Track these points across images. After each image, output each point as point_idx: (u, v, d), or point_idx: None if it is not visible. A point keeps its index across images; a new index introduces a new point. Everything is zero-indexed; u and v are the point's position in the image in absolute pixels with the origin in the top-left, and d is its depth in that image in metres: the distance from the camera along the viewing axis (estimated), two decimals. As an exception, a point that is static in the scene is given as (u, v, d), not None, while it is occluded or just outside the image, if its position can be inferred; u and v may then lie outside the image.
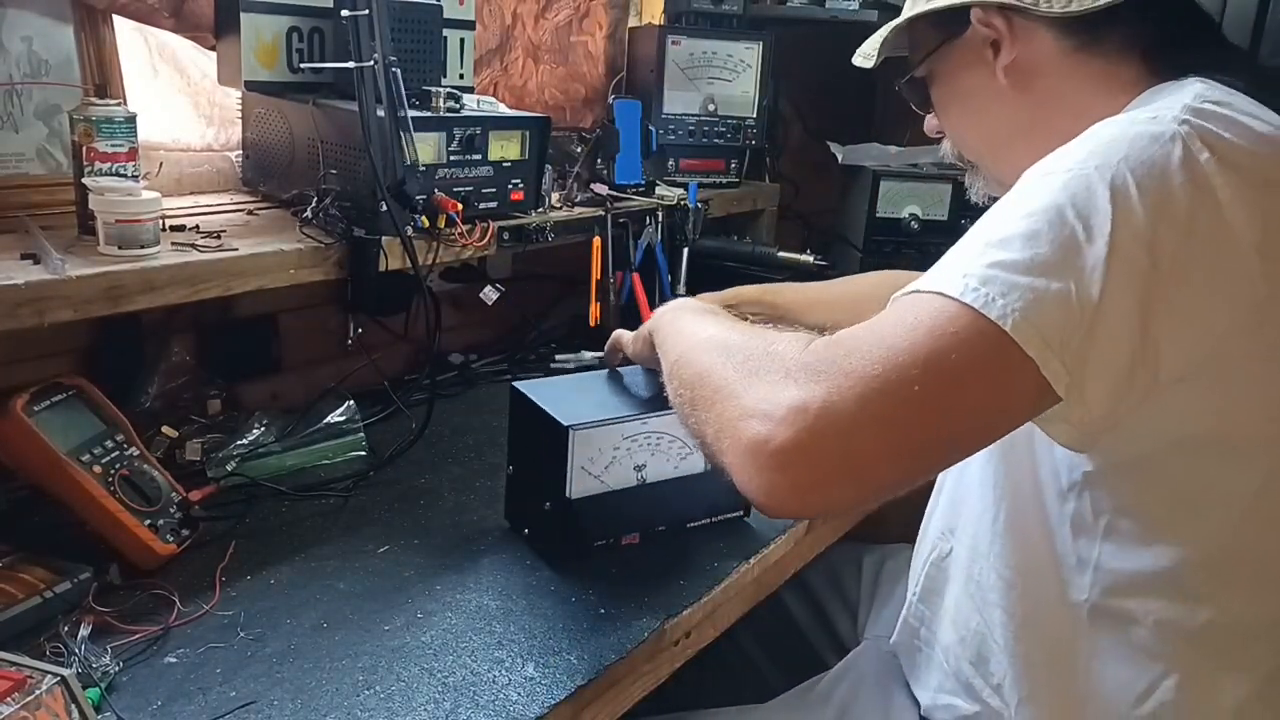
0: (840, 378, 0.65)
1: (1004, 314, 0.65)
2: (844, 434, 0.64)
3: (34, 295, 0.94)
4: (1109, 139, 0.71)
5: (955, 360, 0.65)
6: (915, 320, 0.67)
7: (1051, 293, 0.66)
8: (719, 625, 1.10)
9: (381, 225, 1.20)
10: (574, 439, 1.01)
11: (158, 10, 1.25)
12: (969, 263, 0.68)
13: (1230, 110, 0.74)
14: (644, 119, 1.73)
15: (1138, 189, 0.68)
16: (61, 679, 0.72)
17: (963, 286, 0.67)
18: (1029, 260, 0.67)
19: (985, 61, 0.90)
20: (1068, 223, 0.67)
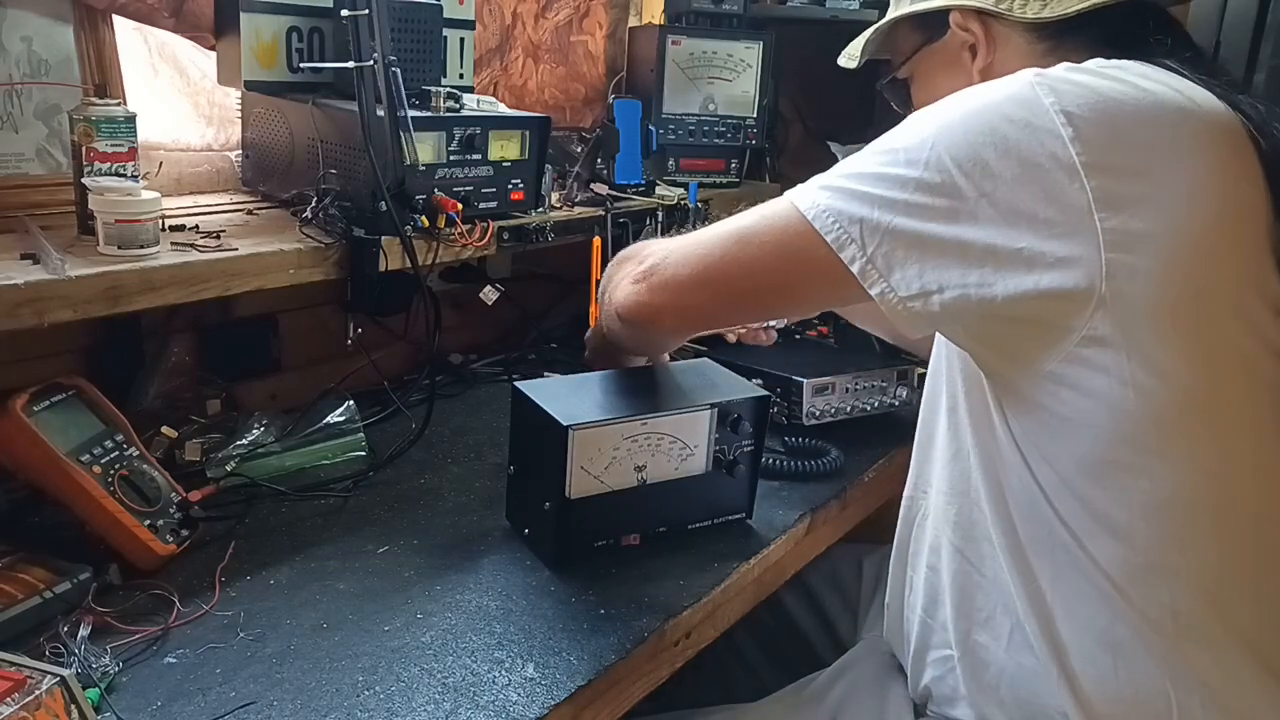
0: (677, 245, 0.96)
1: (812, 206, 0.82)
2: (667, 273, 0.95)
3: (34, 295, 0.94)
4: (975, 91, 0.79)
5: (751, 232, 0.88)
6: (754, 211, 0.89)
7: (860, 193, 0.80)
8: (719, 625, 1.10)
9: (381, 225, 1.20)
10: (574, 439, 1.01)
11: (158, 10, 1.25)
12: (821, 179, 0.84)
13: (1114, 70, 0.79)
14: (644, 119, 1.73)
15: (965, 124, 0.76)
16: (61, 679, 0.72)
17: (799, 194, 0.84)
18: (856, 173, 0.81)
19: (962, 64, 0.96)
20: (895, 149, 0.79)
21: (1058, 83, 0.76)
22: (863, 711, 1.06)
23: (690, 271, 0.93)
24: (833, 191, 0.82)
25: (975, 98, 0.79)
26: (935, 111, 0.80)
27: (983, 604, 0.92)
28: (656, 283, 0.95)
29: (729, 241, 0.89)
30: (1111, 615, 0.83)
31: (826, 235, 0.80)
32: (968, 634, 0.94)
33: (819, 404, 1.41)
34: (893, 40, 1.06)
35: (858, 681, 1.10)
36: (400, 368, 1.57)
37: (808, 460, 1.30)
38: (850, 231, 0.80)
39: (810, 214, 0.82)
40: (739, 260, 0.88)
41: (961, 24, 0.95)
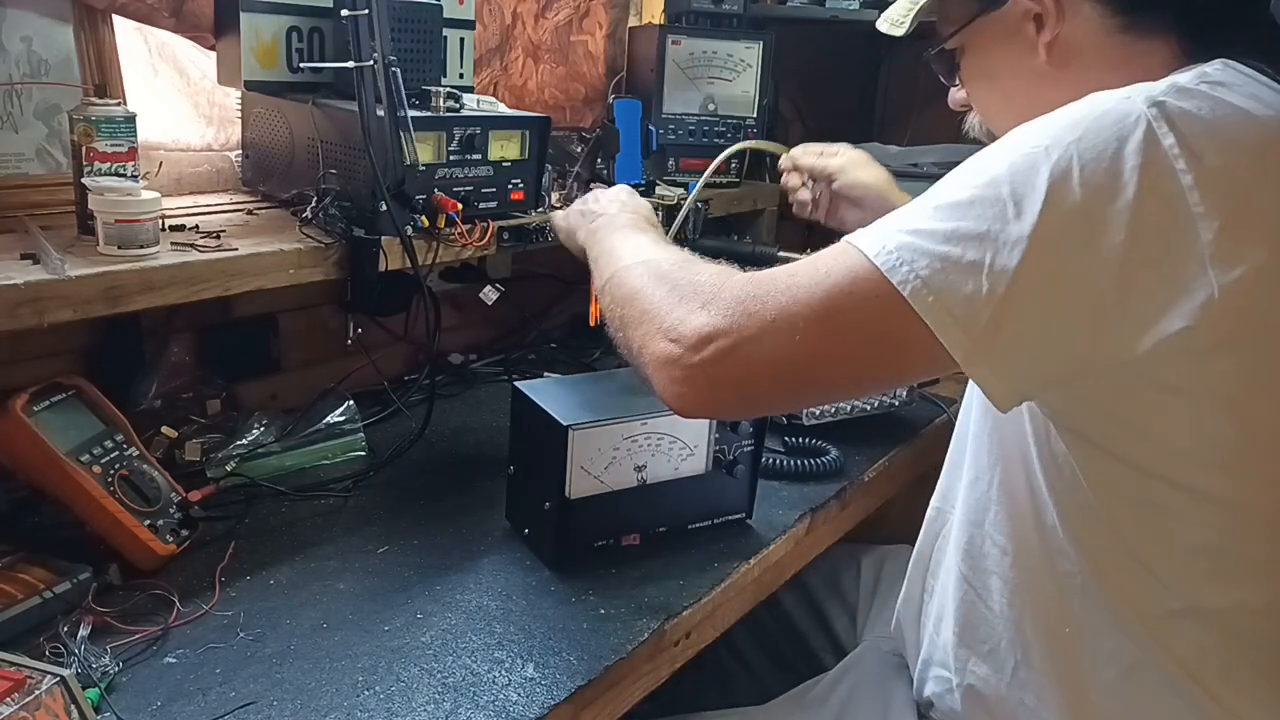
0: (744, 316, 0.75)
1: (905, 279, 0.70)
2: (738, 361, 0.76)
3: (33, 295, 0.94)
4: (1074, 117, 0.71)
5: (847, 319, 0.73)
6: (827, 272, 0.74)
7: (964, 263, 0.69)
8: (719, 625, 1.10)
9: (381, 225, 1.20)
10: (573, 439, 1.01)
11: (158, 10, 1.25)
12: (900, 223, 0.73)
13: (1224, 91, 0.72)
14: (644, 119, 1.73)
15: (1080, 172, 0.68)
16: (61, 679, 0.72)
17: (879, 247, 0.72)
18: (950, 230, 0.70)
19: (1023, 37, 0.87)
20: (1000, 199, 0.69)
21: (1177, 116, 0.69)
22: (866, 715, 1.06)
23: (765, 361, 0.75)
24: (927, 257, 0.70)
25: (1084, 132, 0.70)
26: (1032, 149, 0.70)
27: (985, 636, 0.92)
28: (719, 373, 0.76)
29: (813, 327, 0.73)
30: (1139, 656, 0.82)
31: (926, 317, 0.70)
32: (966, 662, 0.94)
33: (819, 404, 1.40)
34: (944, 7, 0.96)
35: (860, 684, 1.10)
36: (400, 368, 1.57)
37: (808, 460, 1.30)
38: (954, 312, 0.70)
39: (906, 291, 0.70)
40: (830, 356, 0.75)
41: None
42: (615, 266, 0.92)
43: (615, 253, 0.96)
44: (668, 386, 0.79)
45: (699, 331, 0.76)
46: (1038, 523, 0.85)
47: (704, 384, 0.77)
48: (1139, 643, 0.82)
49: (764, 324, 0.74)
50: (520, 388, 1.09)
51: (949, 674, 0.96)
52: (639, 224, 1.04)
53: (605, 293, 0.92)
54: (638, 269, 0.89)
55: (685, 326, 0.77)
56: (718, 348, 0.76)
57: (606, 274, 0.93)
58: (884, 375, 0.80)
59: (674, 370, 0.78)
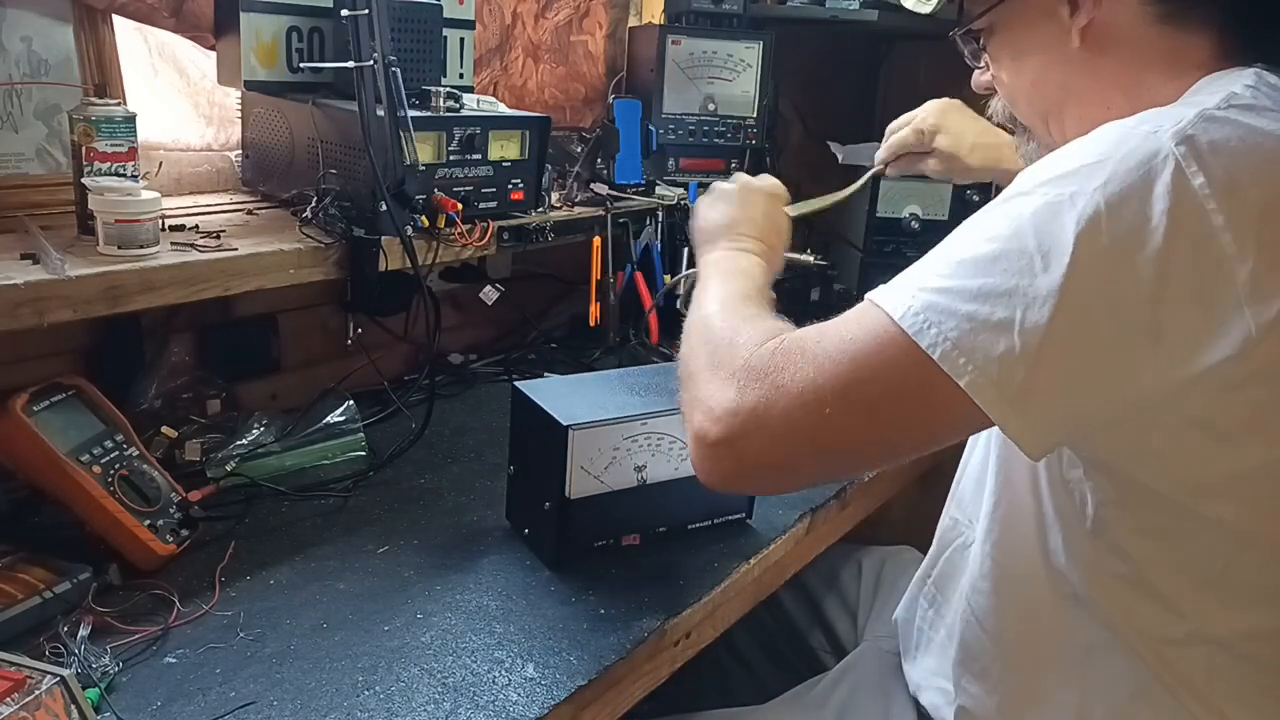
0: (771, 389, 0.73)
1: (935, 342, 0.68)
2: (766, 439, 0.74)
3: (33, 295, 0.94)
4: (1098, 156, 0.68)
5: (877, 387, 0.71)
6: (853, 338, 0.72)
7: (993, 321, 0.67)
8: (719, 625, 1.10)
9: (381, 225, 1.20)
10: (573, 439, 1.01)
11: (158, 10, 1.25)
12: (923, 280, 0.71)
13: (1254, 117, 0.69)
14: (644, 119, 1.73)
15: (1109, 219, 0.65)
16: (61, 679, 0.72)
17: (904, 309, 0.70)
18: (977, 288, 0.68)
19: (1056, 20, 0.83)
20: (1026, 252, 0.67)
21: (1206, 152, 0.66)
22: (866, 715, 1.06)
23: (795, 443, 0.74)
24: (955, 318, 0.68)
25: (1109, 175, 0.66)
26: (1057, 197, 0.68)
27: (979, 655, 0.92)
28: (752, 455, 0.75)
29: (841, 399, 0.71)
30: (1145, 679, 0.81)
31: (959, 380, 0.68)
32: (960, 680, 0.94)
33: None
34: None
35: (861, 684, 1.10)
36: (400, 368, 1.57)
37: None
38: (987, 373, 0.67)
39: (936, 354, 0.68)
40: (861, 426, 0.73)
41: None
42: (692, 316, 0.91)
43: (700, 297, 0.94)
44: (699, 463, 0.78)
45: (725, 407, 0.75)
46: (1042, 547, 0.85)
47: (731, 463, 0.76)
48: (1145, 666, 0.81)
49: (791, 399, 0.72)
50: (520, 388, 1.09)
51: (949, 686, 0.96)
52: (732, 247, 1.03)
53: (683, 337, 0.91)
54: (699, 326, 0.88)
55: (715, 401, 0.76)
56: (743, 425, 0.74)
57: (688, 321, 0.92)
58: (917, 440, 0.75)
59: (703, 448, 0.77)
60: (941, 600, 1.02)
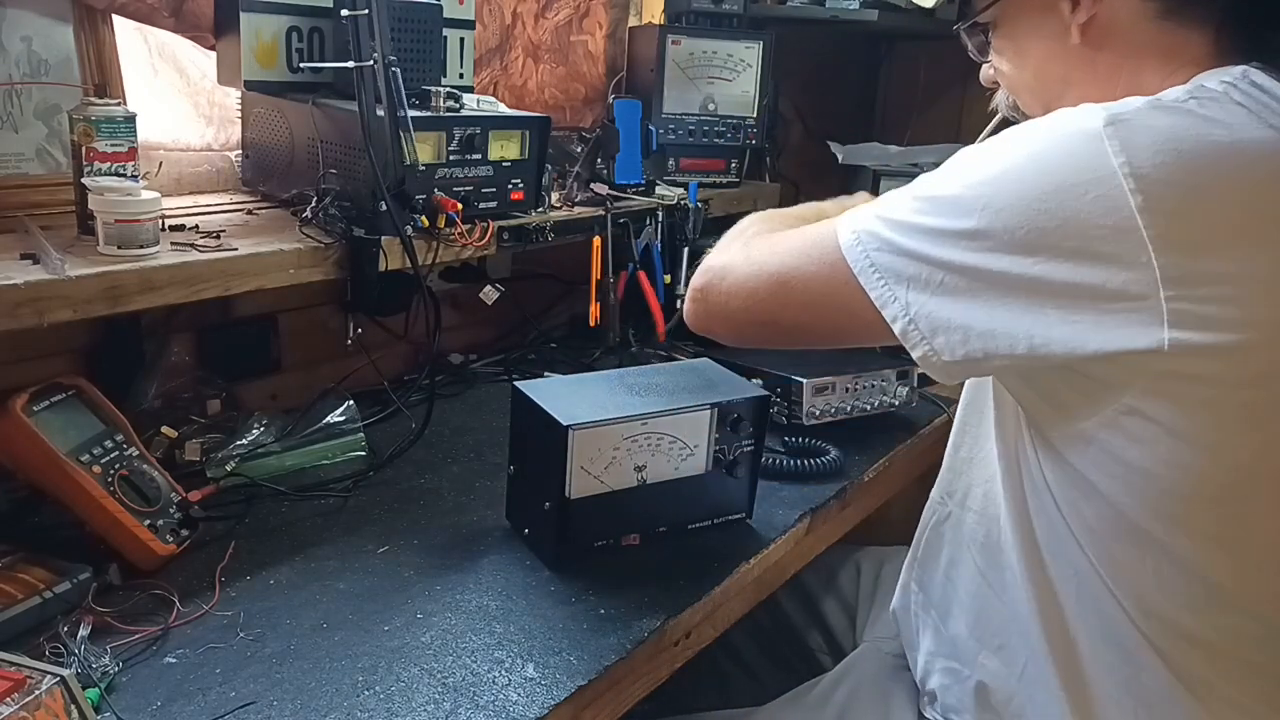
0: (735, 262, 0.92)
1: (859, 258, 0.79)
2: (717, 302, 0.94)
3: (33, 295, 0.94)
4: (1048, 129, 0.74)
5: (804, 277, 0.85)
6: (808, 240, 0.86)
7: (918, 252, 0.76)
8: (719, 625, 1.10)
9: (381, 225, 1.20)
10: (574, 439, 1.01)
11: (158, 10, 1.25)
12: (880, 207, 0.81)
13: (1215, 109, 0.71)
14: (644, 119, 1.73)
15: (1043, 187, 0.71)
16: (61, 679, 0.72)
17: (851, 227, 0.81)
18: (915, 225, 0.77)
19: (1058, 15, 0.85)
20: (966, 201, 0.74)
21: (1135, 133, 0.69)
22: (866, 716, 1.06)
23: (739, 305, 0.92)
24: (879, 242, 0.79)
25: (1033, 152, 0.73)
26: (987, 161, 0.75)
27: (998, 630, 0.92)
28: (712, 305, 0.95)
29: (774, 282, 0.88)
30: (1139, 666, 0.82)
31: (871, 292, 0.79)
32: (977, 655, 0.94)
33: (819, 404, 1.41)
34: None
35: (861, 685, 1.10)
36: (400, 368, 1.57)
37: (808, 460, 1.30)
38: (895, 292, 0.78)
39: (856, 267, 0.80)
40: (785, 304, 0.87)
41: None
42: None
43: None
44: (686, 303, 0.98)
45: (705, 264, 0.96)
46: (1044, 525, 0.86)
47: (699, 309, 0.97)
48: (1140, 655, 0.82)
49: (741, 275, 0.91)
50: (520, 388, 1.09)
51: (959, 666, 0.96)
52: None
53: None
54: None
55: (709, 257, 0.96)
56: (707, 283, 0.95)
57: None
58: (833, 334, 0.90)
59: (691, 291, 0.97)
60: (927, 580, 1.02)
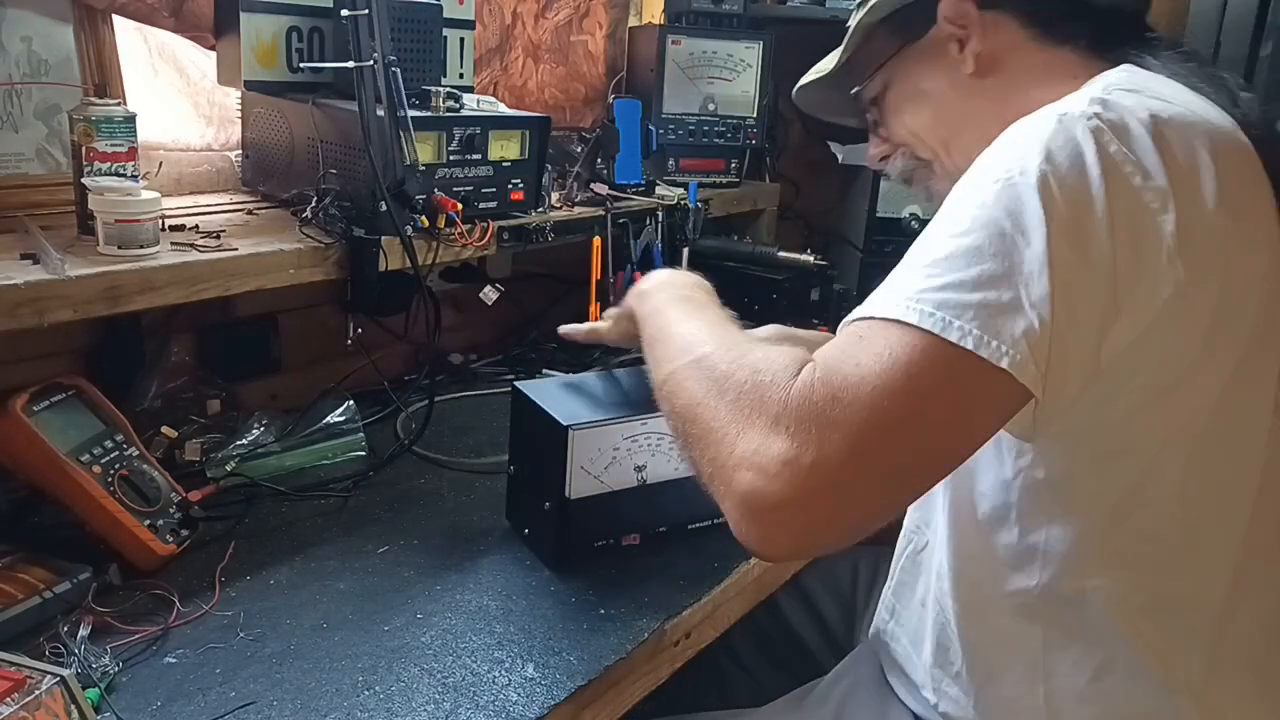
0: (828, 429, 0.66)
1: (964, 335, 0.67)
2: (836, 486, 0.66)
3: (33, 295, 0.94)
4: (1025, 142, 0.73)
5: (936, 398, 0.67)
6: (891, 356, 0.67)
7: (1005, 303, 0.68)
8: (719, 625, 1.10)
9: (381, 225, 1.20)
10: (573, 439, 1.01)
11: (158, 10, 1.25)
12: (914, 286, 0.69)
13: (1137, 94, 0.76)
14: (644, 119, 1.73)
15: (1060, 186, 0.69)
16: (61, 679, 0.72)
17: (919, 314, 0.68)
18: (975, 277, 0.68)
19: (947, 57, 0.94)
20: (1006, 233, 0.69)
21: (1113, 122, 0.72)
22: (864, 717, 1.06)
23: (867, 473, 0.67)
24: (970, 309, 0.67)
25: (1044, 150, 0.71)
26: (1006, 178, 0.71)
27: (954, 657, 0.92)
28: (819, 503, 0.67)
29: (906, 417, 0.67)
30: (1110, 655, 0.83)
31: (1000, 363, 0.66)
32: (940, 683, 0.94)
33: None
34: (867, 49, 1.02)
35: (859, 686, 1.10)
36: (400, 368, 1.57)
37: None
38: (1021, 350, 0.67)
39: (970, 345, 0.66)
40: (927, 441, 0.68)
41: (952, 16, 0.92)
42: (669, 368, 0.82)
43: (668, 345, 0.86)
44: (753, 528, 0.67)
45: (782, 457, 0.66)
46: (992, 542, 0.87)
47: (799, 519, 0.67)
48: (1110, 641, 0.83)
49: (854, 435, 0.65)
50: (520, 388, 1.09)
51: (929, 695, 0.96)
52: (689, 294, 0.96)
53: (662, 398, 0.82)
54: (693, 373, 0.78)
55: (764, 456, 0.67)
56: (808, 473, 0.65)
57: (661, 375, 0.83)
58: (974, 440, 0.71)
59: (760, 508, 0.67)
60: (901, 609, 1.03)
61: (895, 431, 0.66)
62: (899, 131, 1.03)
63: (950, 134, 0.97)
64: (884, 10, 0.98)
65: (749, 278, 1.81)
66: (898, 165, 1.06)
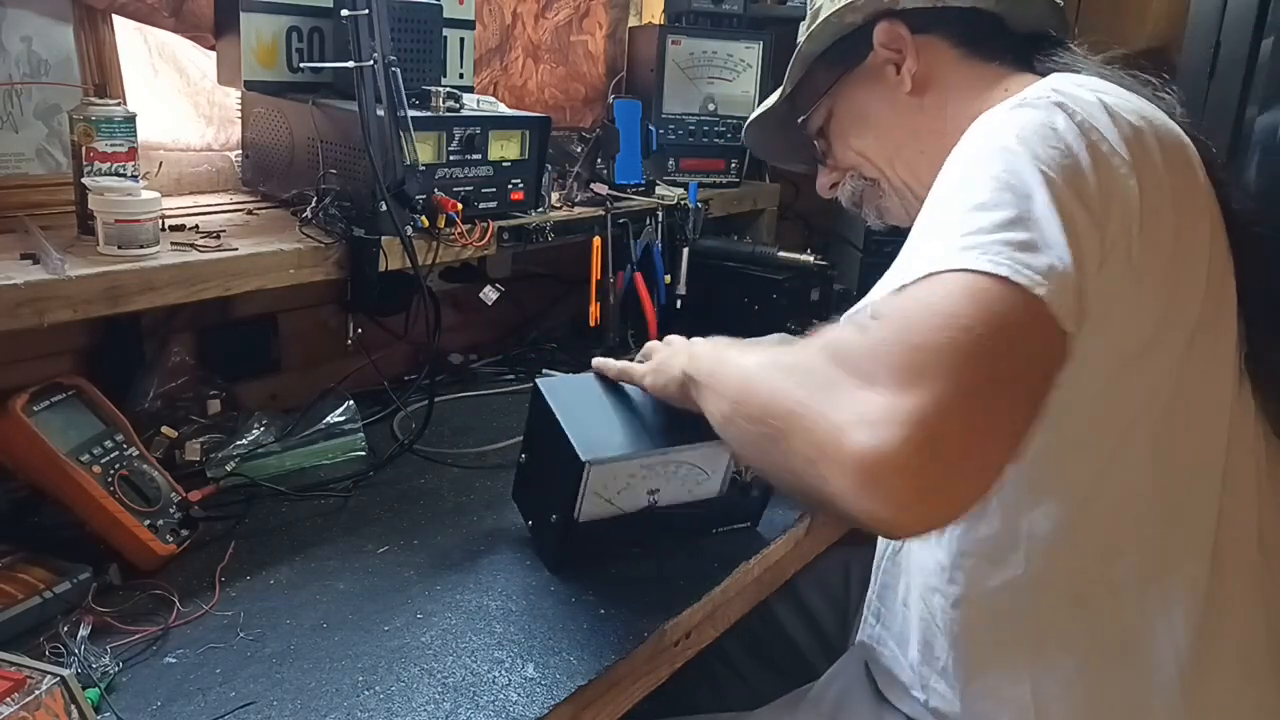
0: (930, 371, 0.62)
1: (1032, 280, 0.66)
2: (958, 423, 0.61)
3: (33, 295, 0.94)
4: (1000, 125, 0.77)
5: (1017, 332, 0.65)
6: (969, 300, 0.65)
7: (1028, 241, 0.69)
8: (719, 625, 1.10)
9: (381, 225, 1.20)
10: (590, 472, 0.97)
11: (158, 10, 1.25)
12: (963, 239, 0.69)
13: (1083, 89, 0.82)
14: (644, 119, 1.73)
15: (1045, 152, 0.73)
16: (61, 679, 0.72)
17: (983, 261, 0.66)
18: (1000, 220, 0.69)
19: (885, 80, 1.01)
20: (1013, 187, 0.72)
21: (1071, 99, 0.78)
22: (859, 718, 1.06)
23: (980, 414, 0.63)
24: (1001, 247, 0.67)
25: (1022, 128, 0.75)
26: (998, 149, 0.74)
27: (940, 653, 0.93)
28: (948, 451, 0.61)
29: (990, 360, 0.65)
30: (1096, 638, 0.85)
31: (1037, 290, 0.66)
32: (929, 680, 0.94)
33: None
34: (808, 81, 1.09)
35: (852, 689, 1.10)
36: (400, 368, 1.57)
37: None
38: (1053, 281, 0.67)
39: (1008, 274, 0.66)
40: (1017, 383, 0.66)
41: (887, 41, 0.99)
42: (735, 385, 0.79)
43: (728, 370, 0.83)
44: (878, 491, 0.61)
45: (890, 405, 0.61)
46: (971, 535, 0.88)
47: (928, 463, 0.61)
48: (1094, 628, 0.84)
49: (957, 371, 0.62)
50: (542, 390, 1.03)
51: (919, 694, 0.96)
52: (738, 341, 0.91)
53: (734, 419, 0.78)
54: (761, 374, 0.76)
55: (868, 406, 0.62)
56: (926, 410, 0.60)
57: (730, 396, 0.80)
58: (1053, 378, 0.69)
59: (882, 463, 0.60)
60: (885, 612, 1.03)
61: (995, 369, 0.64)
62: (846, 155, 1.09)
63: (894, 150, 1.03)
64: (824, 41, 1.04)
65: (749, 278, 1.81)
66: (847, 189, 1.11)
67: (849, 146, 1.08)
